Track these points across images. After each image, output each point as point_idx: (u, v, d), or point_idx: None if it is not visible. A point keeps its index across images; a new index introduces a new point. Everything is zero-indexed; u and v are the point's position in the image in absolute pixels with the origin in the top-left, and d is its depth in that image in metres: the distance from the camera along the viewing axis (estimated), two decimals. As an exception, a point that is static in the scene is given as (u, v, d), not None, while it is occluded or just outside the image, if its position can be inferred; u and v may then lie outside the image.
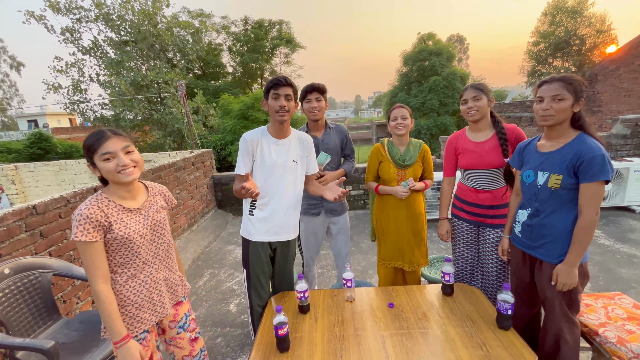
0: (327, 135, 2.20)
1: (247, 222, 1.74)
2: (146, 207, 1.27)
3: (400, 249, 2.13)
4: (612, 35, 19.22)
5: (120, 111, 11.20)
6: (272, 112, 1.63)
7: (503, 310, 1.41)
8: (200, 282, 3.10)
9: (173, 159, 4.02)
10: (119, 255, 1.18)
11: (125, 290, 1.20)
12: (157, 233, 1.29)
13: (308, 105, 2.10)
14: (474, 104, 1.77)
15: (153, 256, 1.28)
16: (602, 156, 1.26)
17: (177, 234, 3.74)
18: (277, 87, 1.59)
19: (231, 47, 17.69)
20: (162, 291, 1.31)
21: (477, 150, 1.82)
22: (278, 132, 1.70)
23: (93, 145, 1.11)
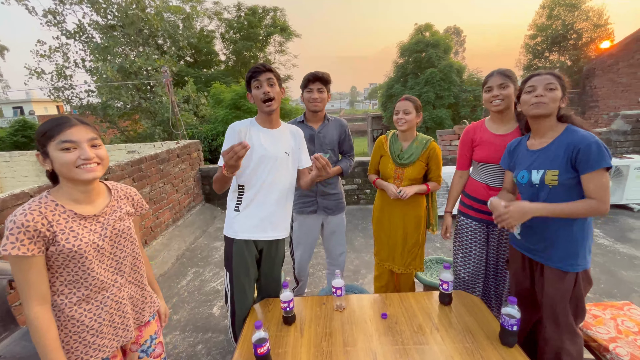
0: (325, 128, 2.03)
1: (232, 219, 1.59)
2: (106, 213, 1.06)
3: (391, 249, 2.01)
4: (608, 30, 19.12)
5: (108, 99, 10.80)
6: (258, 102, 1.52)
7: (508, 325, 1.27)
8: (183, 281, 2.93)
9: (157, 149, 3.80)
10: (66, 272, 0.96)
11: (78, 315, 0.99)
12: (118, 245, 1.08)
13: (308, 95, 1.94)
14: (500, 92, 1.61)
15: (114, 272, 1.07)
16: (597, 143, 1.21)
17: (161, 229, 3.56)
18: (257, 75, 1.48)
19: (224, 34, 17.16)
20: (127, 312, 1.10)
21: (497, 142, 1.66)
22: (267, 123, 1.59)
23: (51, 131, 0.91)
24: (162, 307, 1.35)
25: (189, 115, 11.19)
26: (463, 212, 1.84)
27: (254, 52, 17.34)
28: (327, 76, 1.94)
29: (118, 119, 11.77)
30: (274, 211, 1.60)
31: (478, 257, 1.78)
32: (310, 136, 2.01)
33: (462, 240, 1.83)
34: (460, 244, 1.84)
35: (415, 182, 1.91)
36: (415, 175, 1.89)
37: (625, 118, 4.45)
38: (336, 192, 2.11)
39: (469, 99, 17.76)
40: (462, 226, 1.84)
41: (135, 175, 3.12)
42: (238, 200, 1.58)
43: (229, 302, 1.64)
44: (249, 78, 1.51)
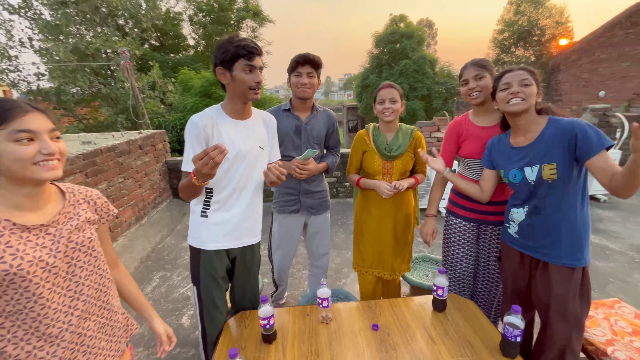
0: (313, 119, 1.81)
1: (199, 227, 1.36)
2: (59, 222, 0.83)
3: (380, 253, 1.84)
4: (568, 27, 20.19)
5: (61, 83, 9.80)
6: (242, 87, 1.27)
7: (511, 336, 1.17)
8: (148, 288, 2.64)
9: (117, 140, 3.40)
10: (4, 302, 0.73)
11: (25, 354, 0.76)
12: (77, 262, 0.85)
13: (297, 80, 1.70)
14: (476, 84, 1.52)
15: (72, 297, 0.83)
16: (589, 125, 1.18)
17: (122, 230, 3.21)
18: (252, 57, 1.24)
19: (192, 16, 16.14)
20: (95, 346, 0.88)
21: (484, 136, 1.56)
22: (240, 112, 1.34)
23: (2, 115, 0.70)
24: (160, 327, 1.12)
25: (155, 102, 10.44)
26: (452, 212, 1.75)
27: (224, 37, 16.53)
28: (318, 59, 1.70)
29: (74, 106, 10.77)
30: (248, 215, 1.39)
31: (468, 257, 1.71)
32: (297, 127, 1.78)
33: (452, 240, 1.74)
34: (450, 244, 1.75)
35: (405, 175, 1.78)
36: (406, 168, 1.75)
37: (593, 112, 4.61)
38: (321, 189, 1.92)
39: (441, 91, 18.13)
40: (452, 226, 1.75)
41: (89, 170, 2.75)
42: (205, 205, 1.34)
43: (198, 320, 1.42)
44: (237, 55, 1.23)
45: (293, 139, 1.78)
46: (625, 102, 7.89)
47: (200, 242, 1.36)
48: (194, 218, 1.38)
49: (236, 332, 1.41)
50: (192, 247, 1.39)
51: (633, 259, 2.79)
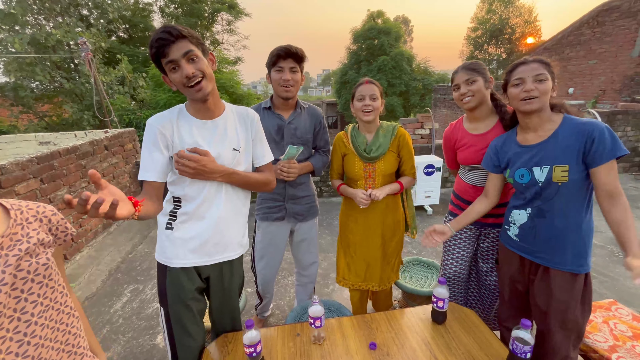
0: (297, 118, 1.65)
1: (164, 240, 1.18)
2: (3, 246, 0.67)
3: (367, 265, 1.73)
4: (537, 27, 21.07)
5: (17, 77, 9.01)
6: (181, 89, 1.06)
7: (520, 353, 1.08)
8: (118, 304, 2.40)
9: (79, 140, 3.08)
10: None
11: None
12: (29, 295, 0.69)
13: (278, 76, 1.52)
14: (468, 89, 1.44)
15: (20, 342, 0.67)
16: (608, 128, 1.12)
17: (87, 239, 2.92)
18: (166, 50, 0.99)
19: (163, 8, 15.36)
20: None
21: (478, 143, 1.50)
22: (202, 111, 1.14)
23: None
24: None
25: (125, 98, 9.84)
26: (454, 213, 1.69)
27: (199, 31, 15.86)
28: (301, 52, 1.53)
29: (34, 102, 9.96)
30: (222, 228, 1.20)
31: (465, 258, 1.66)
32: (279, 127, 1.62)
33: (450, 241, 1.69)
34: (449, 245, 1.70)
35: (390, 177, 1.65)
36: (390, 170, 1.62)
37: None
38: (308, 194, 1.76)
39: (419, 87, 18.39)
40: None
41: (45, 175, 2.45)
42: (171, 216, 1.17)
43: (167, 347, 1.24)
44: (156, 55, 1.02)
45: (275, 140, 1.62)
46: (592, 98, 8.26)
47: (166, 258, 1.18)
48: (159, 230, 1.21)
49: (218, 357, 1.25)
50: (159, 263, 1.21)
51: (613, 252, 2.85)
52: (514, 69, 1.23)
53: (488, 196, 1.43)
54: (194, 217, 1.16)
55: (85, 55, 3.44)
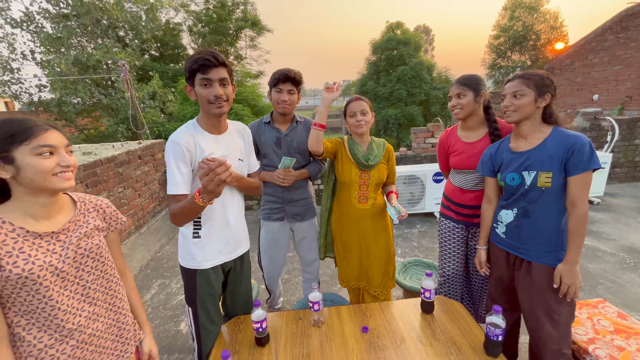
0: (293, 131, 1.87)
1: (192, 248, 1.35)
2: (69, 230, 0.90)
3: (366, 271, 1.86)
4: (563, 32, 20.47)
5: (62, 94, 9.92)
6: (203, 102, 1.24)
7: (492, 335, 1.22)
8: (147, 296, 2.69)
9: (117, 151, 3.47)
10: (19, 302, 0.81)
11: (37, 351, 0.83)
12: (85, 267, 0.92)
13: (277, 96, 1.77)
14: (458, 102, 1.60)
15: (80, 300, 0.90)
16: (589, 144, 1.23)
17: (122, 238, 3.26)
18: (207, 70, 1.19)
19: (191, 27, 16.39)
20: (102, 346, 0.95)
21: (467, 150, 1.65)
22: (215, 126, 1.33)
23: (22, 134, 0.78)
24: (147, 345, 1.13)
25: (155, 112, 10.57)
26: (443, 214, 1.84)
27: (224, 47, 16.73)
28: (299, 76, 1.76)
29: (76, 117, 10.89)
30: (237, 226, 1.43)
31: (458, 257, 1.78)
32: (277, 139, 1.85)
33: (444, 240, 1.83)
34: (444, 245, 1.84)
35: (379, 185, 1.82)
36: (382, 178, 1.78)
37: (584, 115, 4.69)
38: (305, 197, 1.96)
39: (439, 96, 18.27)
40: (442, 227, 1.85)
41: (89, 181, 2.82)
42: (196, 225, 1.34)
43: (194, 340, 1.43)
44: (194, 70, 1.20)
45: (275, 150, 1.85)
46: (618, 104, 7.98)
47: (196, 262, 1.35)
48: (185, 240, 1.36)
49: (230, 337, 1.46)
50: (187, 269, 1.37)
51: (624, 260, 2.83)
52: (505, 84, 1.38)
53: (491, 202, 1.54)
54: (217, 222, 1.36)
55: (123, 75, 3.88)
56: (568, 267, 1.26)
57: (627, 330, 1.44)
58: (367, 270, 1.85)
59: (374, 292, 1.86)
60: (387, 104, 18.22)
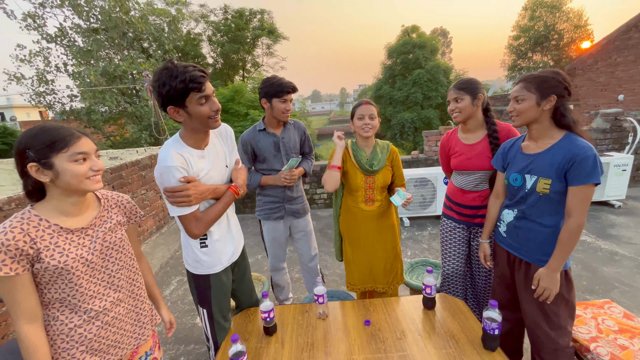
0: (287, 132, 2.02)
1: (201, 256, 1.38)
2: (95, 225, 1.02)
3: (372, 269, 1.88)
4: (588, 30, 19.73)
5: (91, 103, 10.55)
6: (202, 120, 1.21)
7: (489, 329, 1.26)
8: (167, 291, 2.86)
9: (140, 155, 3.70)
10: (54, 289, 0.94)
11: (68, 330, 0.96)
12: (110, 258, 1.04)
13: (283, 106, 1.90)
14: (455, 106, 1.65)
15: (106, 287, 1.03)
16: (594, 157, 1.19)
17: (144, 237, 3.47)
18: (202, 87, 1.15)
19: (211, 37, 17.02)
20: (122, 328, 1.07)
21: (467, 152, 1.70)
22: (202, 140, 1.30)
23: (61, 142, 0.89)
24: (166, 315, 1.32)
25: (176, 119, 11.02)
26: (446, 214, 1.88)
27: (241, 55, 17.24)
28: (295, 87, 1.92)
29: (103, 124, 11.53)
30: (234, 227, 1.52)
31: (459, 256, 1.81)
32: (275, 143, 1.97)
33: (446, 240, 1.87)
34: (445, 245, 1.87)
35: (385, 189, 1.84)
36: (387, 181, 1.80)
37: (604, 116, 4.55)
38: (301, 194, 2.12)
39: (456, 99, 17.97)
40: (444, 227, 1.88)
41: (115, 183, 3.03)
42: (202, 236, 1.37)
43: (210, 339, 1.50)
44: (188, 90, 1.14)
45: (274, 154, 1.97)
46: (646, 105, 7.64)
47: (206, 268, 1.40)
48: (192, 250, 1.38)
49: (240, 327, 1.56)
50: (199, 275, 1.40)
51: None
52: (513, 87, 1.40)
53: (499, 196, 1.55)
54: (220, 230, 1.42)
55: (147, 85, 4.13)
56: (548, 272, 1.27)
57: (632, 330, 1.44)
58: (373, 269, 1.88)
59: (381, 289, 1.91)
60: (403, 108, 18.11)
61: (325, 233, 3.96)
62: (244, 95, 9.54)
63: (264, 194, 2.06)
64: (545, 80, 1.27)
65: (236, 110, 10.61)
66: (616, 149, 4.54)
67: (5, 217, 1.95)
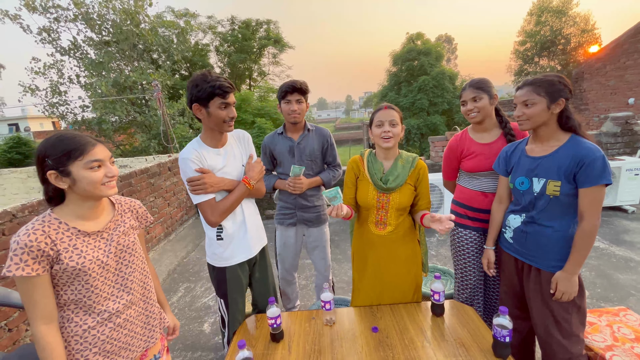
0: (305, 138, 1.98)
1: (217, 248, 1.52)
2: (110, 229, 1.06)
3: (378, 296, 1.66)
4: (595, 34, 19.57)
5: (102, 113, 10.80)
6: (218, 122, 1.41)
7: (500, 337, 1.23)
8: (174, 298, 2.87)
9: (149, 163, 3.76)
10: (70, 291, 0.96)
11: (82, 331, 0.98)
12: (123, 260, 1.07)
13: (287, 107, 1.89)
14: (474, 105, 1.61)
15: (119, 289, 1.05)
16: (603, 158, 1.20)
17: (152, 244, 3.50)
18: (226, 95, 1.37)
19: (218, 47, 17.37)
20: (133, 330, 1.09)
21: (485, 152, 1.65)
22: (219, 141, 1.49)
23: (77, 150, 0.92)
24: (171, 320, 1.34)
25: (185, 127, 11.19)
26: (457, 223, 1.77)
27: (248, 64, 17.51)
28: (305, 86, 1.89)
29: (113, 133, 11.77)
30: (252, 224, 1.59)
31: (476, 264, 1.72)
32: (290, 147, 1.97)
33: (461, 251, 1.77)
34: (458, 254, 1.79)
35: (404, 211, 1.57)
36: (405, 203, 1.52)
37: (614, 120, 4.48)
38: (317, 204, 2.05)
39: (463, 105, 17.92)
40: (458, 237, 1.78)
41: (125, 190, 3.08)
42: (219, 229, 1.51)
43: (226, 328, 1.60)
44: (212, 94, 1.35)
45: (288, 159, 1.97)
46: (658, 108, 7.51)
47: (223, 260, 1.52)
48: (211, 242, 1.54)
49: (247, 333, 1.56)
50: (216, 267, 1.54)
51: (661, 271, 2.67)
52: (516, 92, 1.38)
53: (502, 201, 1.53)
54: (236, 223, 1.53)
55: (156, 95, 4.22)
56: (565, 275, 1.25)
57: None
58: (380, 299, 1.66)
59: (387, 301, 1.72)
60: (408, 114, 18.12)
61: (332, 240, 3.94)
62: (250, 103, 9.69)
63: (280, 199, 2.08)
64: (553, 84, 1.27)
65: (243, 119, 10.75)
66: (627, 153, 4.46)
67: (19, 224, 1.99)
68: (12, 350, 1.84)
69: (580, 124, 1.31)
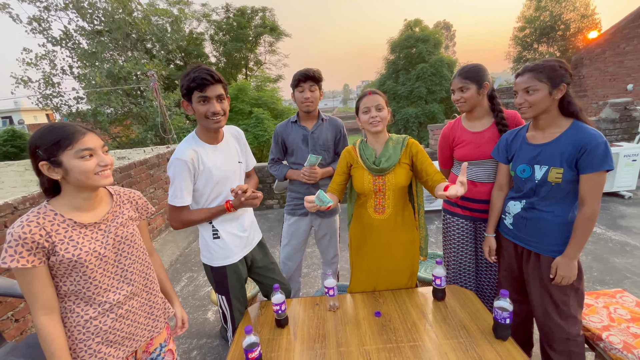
0: (319, 128, 1.97)
1: (214, 248, 1.48)
2: (108, 220, 1.04)
3: (374, 282, 1.70)
4: (595, 20, 19.36)
5: (97, 105, 10.66)
6: (201, 118, 1.33)
7: (500, 319, 1.26)
8: (177, 287, 2.90)
9: (147, 155, 3.75)
10: (69, 282, 0.96)
11: (84, 322, 0.98)
12: (122, 252, 1.06)
13: (300, 95, 1.87)
14: (460, 96, 1.60)
15: (120, 280, 1.05)
16: (605, 144, 1.19)
17: (154, 235, 3.51)
18: (204, 88, 1.27)
19: (213, 36, 17.04)
20: (136, 321, 1.09)
21: (475, 140, 1.64)
22: (213, 138, 1.43)
23: (65, 140, 0.90)
24: (179, 312, 1.33)
25: (181, 118, 11.10)
26: (448, 210, 1.80)
27: (244, 53, 17.24)
28: (318, 74, 1.86)
29: (109, 125, 11.64)
30: (250, 219, 1.59)
31: (468, 253, 1.76)
32: (304, 136, 1.95)
33: (451, 239, 1.80)
34: (449, 242, 1.82)
35: (402, 191, 1.57)
36: (401, 183, 1.53)
37: (613, 106, 4.49)
38: None
39: (461, 93, 17.80)
40: (448, 224, 1.81)
41: (125, 182, 3.08)
42: (214, 228, 1.48)
43: (229, 323, 1.60)
44: (192, 88, 1.27)
45: (302, 147, 1.95)
46: (656, 94, 7.50)
47: (223, 258, 1.49)
48: (206, 241, 1.49)
49: (254, 318, 1.59)
50: (214, 267, 1.49)
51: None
52: (516, 79, 1.35)
53: (502, 189, 1.53)
54: (231, 222, 1.49)
55: (153, 84, 4.17)
56: (565, 260, 1.27)
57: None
58: (376, 284, 1.71)
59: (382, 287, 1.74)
60: (407, 103, 18.01)
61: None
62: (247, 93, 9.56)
63: (291, 189, 2.06)
64: (554, 69, 1.25)
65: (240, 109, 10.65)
66: (626, 139, 4.48)
67: (20, 216, 1.99)
68: (20, 340, 1.87)
69: (581, 109, 1.29)
